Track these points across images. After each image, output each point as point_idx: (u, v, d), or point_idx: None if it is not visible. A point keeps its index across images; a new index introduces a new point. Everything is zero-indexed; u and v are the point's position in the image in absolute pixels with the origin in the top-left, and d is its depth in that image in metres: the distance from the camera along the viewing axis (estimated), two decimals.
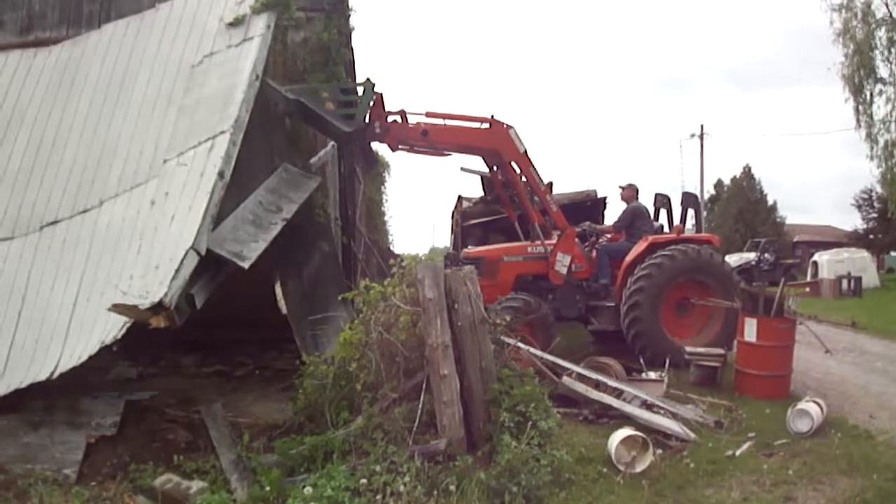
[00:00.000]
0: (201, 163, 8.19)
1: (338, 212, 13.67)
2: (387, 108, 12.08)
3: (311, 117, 11.58)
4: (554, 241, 12.90)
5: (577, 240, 13.11)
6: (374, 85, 11.79)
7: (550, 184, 19.86)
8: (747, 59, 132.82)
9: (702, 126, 46.82)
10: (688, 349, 11.48)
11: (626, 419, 8.75)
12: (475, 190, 19.00)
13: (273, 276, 9.52)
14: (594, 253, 13.40)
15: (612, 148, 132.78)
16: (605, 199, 20.69)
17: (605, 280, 13.05)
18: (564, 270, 12.70)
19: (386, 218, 33.45)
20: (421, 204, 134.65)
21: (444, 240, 55.57)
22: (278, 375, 10.97)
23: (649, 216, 13.81)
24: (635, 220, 13.37)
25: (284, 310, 9.53)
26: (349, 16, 13.12)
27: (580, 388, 9.38)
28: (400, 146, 12.42)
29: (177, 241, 7.39)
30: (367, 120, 11.90)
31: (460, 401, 6.91)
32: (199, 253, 7.30)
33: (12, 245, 8.81)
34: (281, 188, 9.99)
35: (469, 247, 16.39)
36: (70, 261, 8.30)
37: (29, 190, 9.25)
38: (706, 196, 51.78)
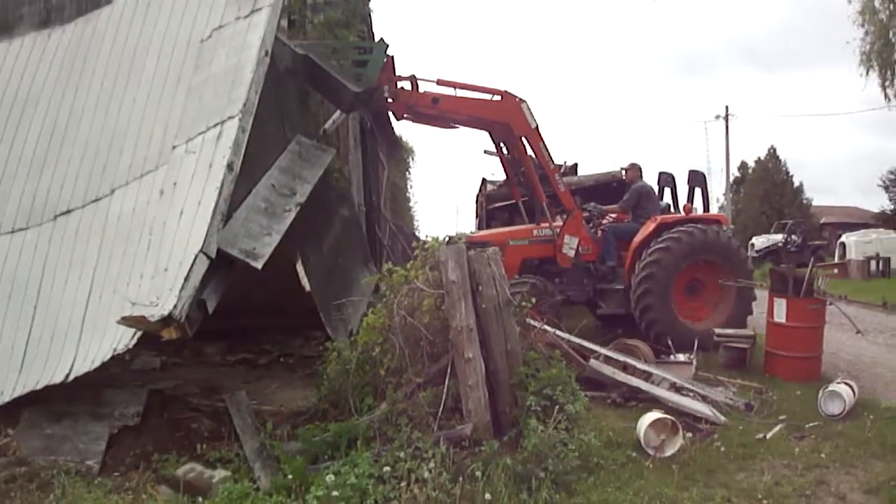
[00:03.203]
0: (209, 151, 7.90)
1: (362, 198, 13.52)
2: (397, 73, 11.77)
3: (318, 77, 11.00)
4: (557, 223, 12.74)
5: (583, 221, 12.95)
6: (387, 45, 11.43)
7: (575, 164, 19.78)
8: (765, 39, 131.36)
9: (727, 107, 46.56)
10: (717, 331, 11.35)
11: (655, 402, 8.67)
12: (499, 173, 18.83)
13: (294, 255, 9.37)
14: (600, 234, 13.22)
15: (637, 130, 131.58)
16: None
17: (612, 262, 12.88)
18: (572, 253, 12.52)
19: (410, 203, 33.59)
20: (446, 188, 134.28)
21: (468, 223, 55.64)
22: (303, 362, 10.96)
23: (655, 196, 13.62)
24: (641, 200, 13.16)
25: (308, 287, 9.38)
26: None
27: (608, 370, 9.29)
28: (406, 115, 12.06)
29: (185, 241, 7.18)
30: (376, 81, 11.50)
31: (486, 384, 6.81)
32: (209, 256, 7.08)
33: (27, 235, 8.68)
34: (294, 167, 9.73)
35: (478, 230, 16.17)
36: (83, 253, 8.17)
37: (43, 177, 9.07)
38: (731, 178, 51.36)
